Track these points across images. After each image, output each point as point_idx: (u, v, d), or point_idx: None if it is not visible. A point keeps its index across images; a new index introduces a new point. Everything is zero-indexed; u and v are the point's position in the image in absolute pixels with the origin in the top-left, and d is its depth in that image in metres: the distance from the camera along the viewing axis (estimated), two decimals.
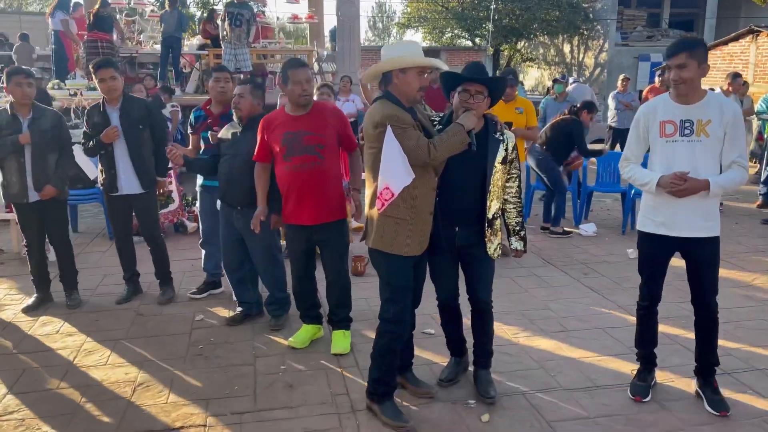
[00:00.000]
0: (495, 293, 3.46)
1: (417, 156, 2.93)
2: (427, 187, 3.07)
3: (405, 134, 2.93)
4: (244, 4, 11.08)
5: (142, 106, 4.71)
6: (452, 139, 2.99)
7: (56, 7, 10.89)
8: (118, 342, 4.11)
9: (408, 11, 31.08)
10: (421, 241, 3.11)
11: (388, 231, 3.06)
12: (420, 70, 3.04)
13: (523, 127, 5.94)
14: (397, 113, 2.96)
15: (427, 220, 3.10)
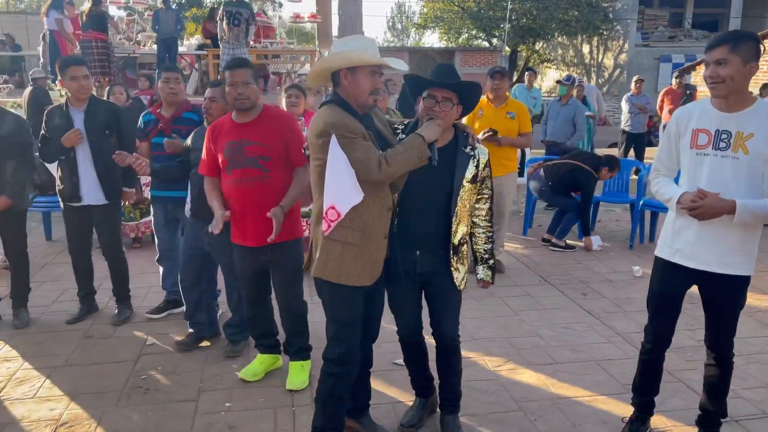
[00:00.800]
0: (482, 316, 3.04)
1: (366, 171, 2.49)
2: (380, 207, 2.64)
3: (353, 145, 2.50)
4: (242, 3, 10.72)
5: (109, 110, 4.34)
6: (409, 152, 2.55)
7: (50, 6, 10.64)
8: (56, 370, 3.73)
9: (425, 12, 30.67)
10: (373, 269, 2.67)
11: (333, 257, 2.63)
12: (371, 70, 2.60)
13: (514, 135, 5.46)
14: (343, 120, 2.52)
15: (380, 245, 2.66)
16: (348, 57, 2.58)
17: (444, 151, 2.77)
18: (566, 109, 7.89)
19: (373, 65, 2.60)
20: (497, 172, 5.37)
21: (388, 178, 2.53)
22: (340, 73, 2.61)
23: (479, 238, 2.95)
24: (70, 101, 4.26)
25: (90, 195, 4.29)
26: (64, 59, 4.32)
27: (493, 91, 5.39)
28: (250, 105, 3.29)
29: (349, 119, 2.54)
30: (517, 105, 5.52)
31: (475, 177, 2.80)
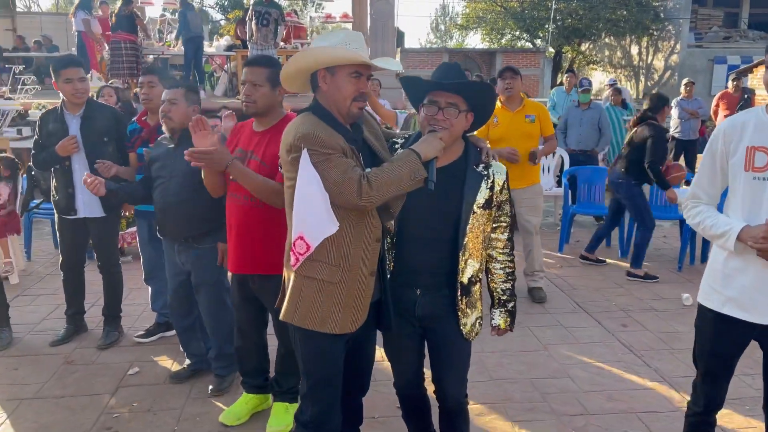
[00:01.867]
0: (505, 350, 2.58)
1: (342, 194, 2.02)
2: (366, 238, 2.16)
3: (327, 163, 2.03)
4: (272, 3, 10.41)
5: (108, 115, 3.99)
6: (397, 172, 2.05)
7: (78, 7, 10.53)
8: (23, 403, 3.37)
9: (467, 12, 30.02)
10: (357, 314, 2.19)
11: (306, 298, 2.17)
12: (355, 70, 2.13)
13: (536, 141, 4.90)
14: (316, 132, 2.05)
15: (365, 284, 2.19)
16: (324, 55, 2.11)
17: (451, 170, 2.29)
18: (589, 113, 7.27)
19: (356, 64, 2.12)
20: (518, 183, 4.78)
21: (370, 204, 2.04)
22: (318, 75, 2.15)
23: (497, 275, 2.45)
24: (65, 105, 3.92)
25: (87, 207, 3.94)
26: (57, 59, 3.98)
27: (504, 92, 4.83)
28: (256, 110, 2.83)
29: (326, 131, 2.07)
30: (535, 106, 4.94)
31: (489, 201, 2.30)
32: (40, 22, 16.75)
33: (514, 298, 2.48)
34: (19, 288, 5.24)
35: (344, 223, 2.11)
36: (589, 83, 7.82)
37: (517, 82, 4.81)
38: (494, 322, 2.47)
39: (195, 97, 3.41)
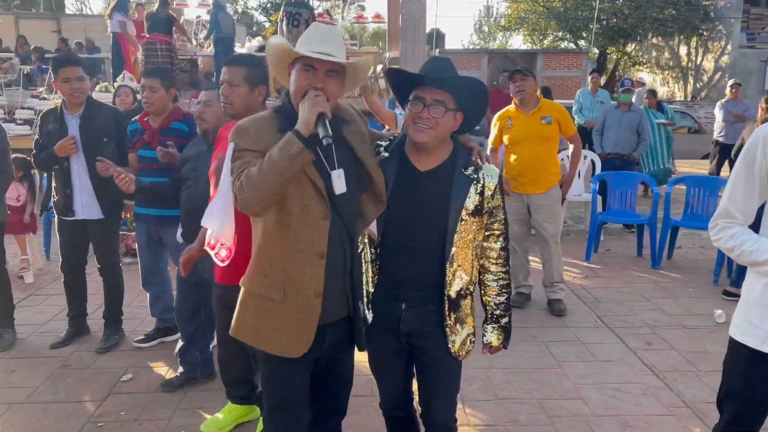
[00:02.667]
0: (514, 366, 2.47)
1: (235, 197, 1.89)
2: (304, 252, 1.95)
3: (238, 161, 1.90)
4: (303, 4, 10.34)
5: (108, 115, 3.93)
6: (270, 158, 1.82)
7: (114, 8, 10.66)
8: (12, 408, 3.31)
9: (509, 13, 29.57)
10: (300, 337, 1.99)
11: (251, 314, 2.03)
12: (306, 62, 1.93)
13: (555, 143, 4.65)
14: (247, 126, 1.93)
15: (309, 306, 1.98)
16: (270, 48, 2.02)
17: (436, 174, 2.11)
18: (629, 116, 6.91)
19: (306, 57, 1.92)
20: (534, 188, 4.57)
21: (247, 207, 1.84)
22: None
23: (490, 288, 2.25)
24: (65, 105, 3.88)
25: (85, 209, 3.89)
26: (56, 58, 3.94)
27: (517, 95, 4.56)
28: (233, 111, 2.69)
29: (257, 126, 1.92)
30: (551, 106, 4.64)
31: (479, 208, 2.10)
32: (84, 24, 17.15)
33: (508, 313, 2.27)
34: (33, 287, 5.25)
35: (275, 236, 1.96)
36: (630, 83, 7.45)
37: (528, 84, 4.53)
38: (486, 339, 2.27)
39: None
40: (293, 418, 2.06)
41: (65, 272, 4.08)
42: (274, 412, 2.07)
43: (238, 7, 36.04)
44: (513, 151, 4.62)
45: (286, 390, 2.05)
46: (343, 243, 2.04)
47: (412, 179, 2.08)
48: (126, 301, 4.63)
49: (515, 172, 4.61)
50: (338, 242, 2.01)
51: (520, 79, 4.51)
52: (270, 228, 1.95)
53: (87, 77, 3.79)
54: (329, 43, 1.98)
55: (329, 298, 2.01)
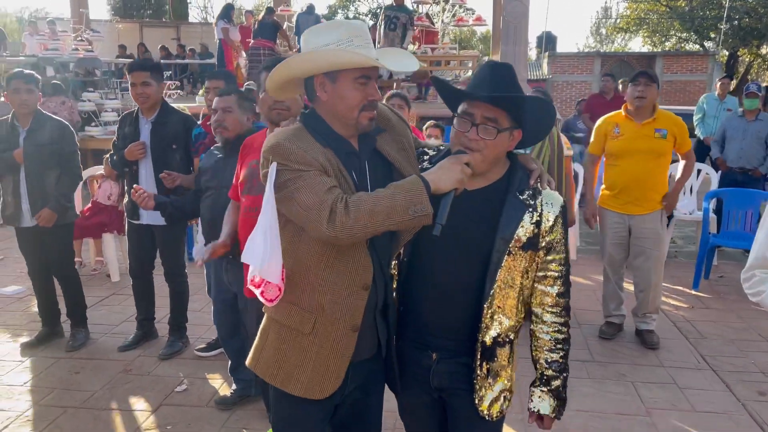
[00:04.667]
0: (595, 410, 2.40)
1: (310, 221, 1.60)
2: (349, 283, 1.72)
3: (298, 181, 1.62)
4: (402, 7, 10.20)
5: (178, 121, 3.90)
6: (390, 201, 1.57)
7: (219, 16, 11.04)
8: (67, 412, 3.32)
9: (627, 13, 27.96)
10: (328, 376, 1.75)
11: (271, 346, 1.80)
12: (361, 74, 1.68)
13: (667, 159, 4.05)
14: (287, 143, 1.65)
15: (344, 341, 1.74)
16: (322, 58, 1.67)
17: (485, 195, 1.78)
18: (756, 126, 6.06)
19: (362, 68, 1.68)
20: (637, 209, 4.03)
21: (344, 236, 1.57)
22: (315, 82, 1.72)
23: (541, 341, 1.87)
24: (141, 109, 3.90)
25: (150, 214, 3.85)
26: (130, 64, 3.96)
27: (634, 101, 3.98)
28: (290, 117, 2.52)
29: (301, 144, 1.66)
30: (668, 118, 4.02)
31: (533, 241, 1.76)
32: (201, 31, 18.00)
33: (563, 375, 1.87)
34: (117, 286, 5.39)
35: (315, 261, 1.70)
36: (758, 87, 6.59)
37: (651, 91, 3.92)
38: (532, 406, 1.88)
39: (248, 104, 3.18)
40: None
41: (132, 276, 4.11)
42: None
43: (350, 14, 36.74)
44: (617, 163, 4.09)
45: None
46: (382, 269, 1.78)
47: (456, 198, 1.71)
48: (197, 307, 4.66)
49: (617, 189, 4.10)
50: (376, 267, 1.76)
51: (644, 84, 3.93)
52: (311, 252, 1.70)
53: (154, 82, 3.76)
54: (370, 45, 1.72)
55: (361, 333, 1.77)
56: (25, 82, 3.81)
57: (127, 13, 27.82)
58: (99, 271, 5.69)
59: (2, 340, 4.25)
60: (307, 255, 1.72)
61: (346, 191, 1.65)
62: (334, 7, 36.42)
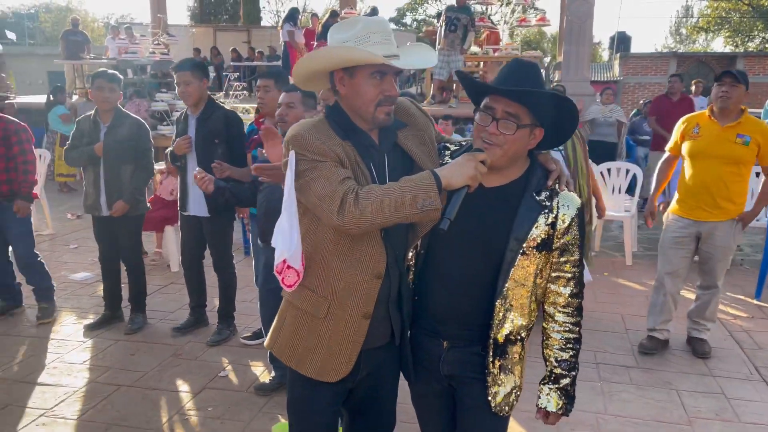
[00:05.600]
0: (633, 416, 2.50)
1: (323, 210, 1.68)
2: (362, 272, 1.79)
3: (314, 171, 1.70)
4: (463, 8, 10.18)
5: (220, 117, 4.08)
6: (399, 194, 1.63)
7: (285, 19, 11.35)
8: (119, 390, 3.54)
9: (707, 13, 26.77)
10: (340, 360, 1.82)
11: (288, 328, 1.89)
12: (376, 70, 1.74)
13: (748, 167, 3.79)
14: (305, 134, 1.73)
15: (355, 328, 1.81)
16: (334, 54, 1.75)
17: (502, 194, 1.81)
18: None
19: (376, 64, 1.74)
20: (710, 215, 3.81)
21: (352, 226, 1.64)
22: (335, 76, 1.80)
23: (552, 340, 1.87)
24: (189, 108, 4.12)
25: (196, 205, 4.10)
26: (177, 64, 4.17)
27: (718, 101, 3.76)
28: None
29: (321, 134, 1.74)
30: (755, 125, 3.76)
31: (546, 242, 1.77)
32: (270, 35, 18.53)
33: (572, 374, 1.87)
34: (176, 276, 5.66)
35: (331, 249, 1.77)
36: None
37: (737, 92, 3.71)
38: (540, 402, 1.89)
39: (311, 101, 3.30)
40: None
41: (184, 265, 4.33)
42: None
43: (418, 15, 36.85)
44: (691, 165, 3.87)
45: (308, 420, 1.89)
46: (396, 260, 1.84)
47: (473, 195, 1.75)
48: (247, 298, 4.84)
49: (687, 192, 3.89)
50: (391, 258, 1.82)
51: (729, 84, 3.72)
52: (327, 240, 1.79)
53: (196, 80, 3.95)
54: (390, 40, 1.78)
55: (374, 321, 1.83)
56: (107, 81, 4.11)
57: (204, 18, 28.93)
58: (157, 262, 5.99)
59: (68, 321, 4.56)
60: (322, 243, 1.79)
61: (362, 183, 1.72)
62: (402, 10, 36.61)
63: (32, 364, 3.85)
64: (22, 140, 4.35)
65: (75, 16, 17.35)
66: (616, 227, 7.33)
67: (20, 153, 4.33)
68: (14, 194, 4.33)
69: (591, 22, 9.44)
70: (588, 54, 9.57)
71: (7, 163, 4.30)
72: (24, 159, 4.34)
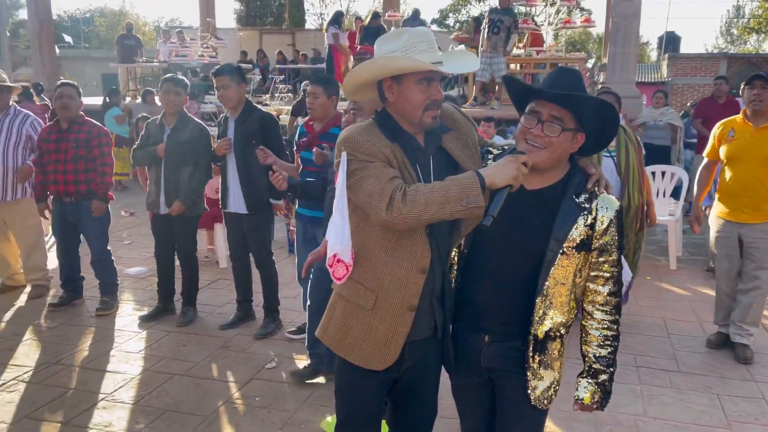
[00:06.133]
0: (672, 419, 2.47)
1: (372, 207, 1.79)
2: (406, 266, 1.90)
3: (364, 171, 1.82)
4: (507, 10, 10.20)
5: (257, 119, 4.26)
6: (444, 191, 1.74)
7: (330, 22, 11.54)
8: (173, 378, 3.73)
9: (759, 14, 25.97)
10: (386, 350, 1.94)
11: (338, 319, 2.02)
12: (423, 77, 1.86)
13: None
14: (357, 136, 1.86)
15: (401, 319, 1.93)
16: (383, 66, 1.87)
17: (543, 196, 1.90)
18: None
19: (422, 71, 1.86)
20: (753, 217, 3.86)
21: (400, 221, 1.75)
22: (383, 85, 1.92)
23: (591, 337, 1.96)
24: (227, 109, 4.31)
25: (235, 203, 4.30)
26: (215, 69, 4.33)
27: (750, 104, 3.82)
28: (363, 118, 2.81)
29: (371, 137, 1.86)
30: None
31: (585, 243, 1.86)
32: (314, 37, 18.84)
33: (609, 370, 1.95)
34: (224, 272, 5.87)
35: (378, 245, 1.89)
36: None
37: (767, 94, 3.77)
38: (578, 395, 1.98)
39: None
40: None
41: (231, 260, 4.54)
42: (342, 426, 2.06)
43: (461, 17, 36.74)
44: (729, 168, 3.94)
45: (354, 406, 2.02)
46: (440, 256, 1.95)
47: (515, 197, 1.84)
48: (292, 294, 5.00)
49: (728, 195, 3.97)
50: (435, 254, 1.93)
51: (760, 87, 3.78)
52: (375, 236, 1.91)
53: (234, 85, 4.13)
54: (434, 48, 1.89)
55: (418, 314, 1.94)
56: (174, 85, 4.37)
57: (250, 21, 29.54)
58: (210, 258, 6.22)
59: (124, 313, 4.81)
60: (371, 238, 1.91)
61: (408, 182, 1.83)
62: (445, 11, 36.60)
63: (92, 352, 4.09)
64: (103, 144, 4.63)
65: (129, 21, 17.97)
66: (661, 231, 7.25)
67: (100, 156, 4.62)
68: (91, 194, 4.61)
69: (637, 23, 9.33)
70: (634, 55, 9.46)
71: (87, 165, 4.59)
72: (103, 162, 4.63)
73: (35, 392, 3.54)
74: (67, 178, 4.56)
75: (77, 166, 4.56)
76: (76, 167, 4.56)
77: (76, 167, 4.56)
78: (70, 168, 4.55)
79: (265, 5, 33.35)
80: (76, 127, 4.61)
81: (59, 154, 4.57)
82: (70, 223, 4.72)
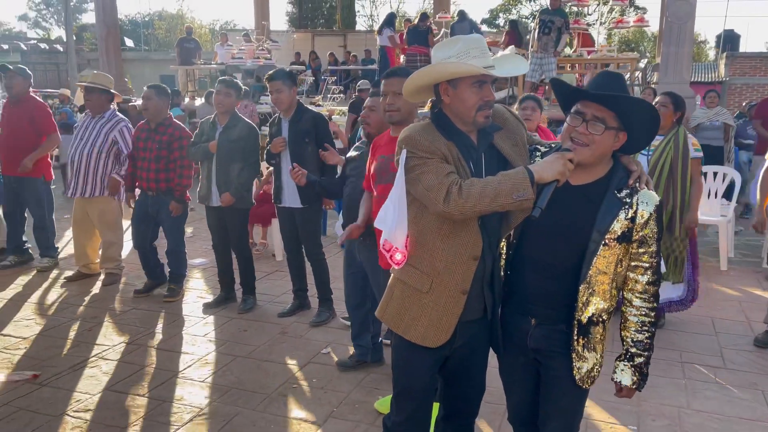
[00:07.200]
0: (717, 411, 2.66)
1: (430, 200, 2.00)
2: (460, 253, 2.09)
3: (423, 167, 2.03)
4: (558, 11, 10.23)
5: (309, 119, 4.53)
6: (497, 185, 1.93)
7: (383, 24, 11.77)
8: (236, 360, 4.02)
9: None
10: (440, 329, 2.14)
11: (396, 300, 2.21)
12: (477, 79, 2.06)
13: None
14: (416, 135, 2.06)
15: (454, 302, 2.12)
16: (440, 71, 2.08)
17: (587, 191, 2.06)
18: None
19: (476, 75, 2.05)
20: None
21: (456, 212, 1.95)
22: (440, 88, 2.12)
23: (630, 323, 2.11)
24: (280, 112, 4.58)
25: (289, 198, 4.56)
26: (268, 75, 4.58)
27: None
28: (399, 118, 3.04)
29: (429, 136, 2.06)
30: None
31: (626, 235, 2.02)
32: (365, 39, 19.12)
33: (646, 354, 2.10)
34: (280, 264, 6.15)
35: (435, 234, 2.09)
36: None
37: None
38: (615, 377, 2.14)
39: None
40: (415, 408, 2.23)
41: (286, 251, 4.81)
42: (398, 398, 2.26)
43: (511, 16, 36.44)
44: None
45: (410, 380, 2.22)
46: (491, 245, 2.13)
47: (561, 192, 2.02)
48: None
49: None
50: (486, 243, 2.11)
51: None
52: (431, 225, 2.10)
53: (286, 89, 4.39)
54: (486, 54, 2.08)
55: (470, 297, 2.14)
56: (225, 86, 4.67)
57: (302, 24, 30.10)
58: (262, 251, 6.53)
59: (190, 300, 5.15)
60: (427, 227, 2.11)
61: (463, 177, 2.02)
62: (495, 11, 36.42)
63: (163, 334, 4.43)
64: (183, 147, 4.97)
65: (189, 24, 18.63)
66: (712, 232, 7.19)
67: (180, 158, 4.97)
68: (170, 191, 4.98)
69: (692, 23, 9.21)
70: (688, 56, 9.34)
71: (167, 164, 4.97)
72: (182, 163, 4.98)
73: (114, 368, 3.88)
74: (150, 176, 4.96)
75: (159, 165, 4.93)
76: (157, 166, 4.94)
77: (157, 166, 4.94)
78: (152, 166, 4.94)
79: (317, 7, 33.91)
80: (162, 128, 4.99)
81: (146, 152, 4.99)
82: (150, 215, 5.10)
